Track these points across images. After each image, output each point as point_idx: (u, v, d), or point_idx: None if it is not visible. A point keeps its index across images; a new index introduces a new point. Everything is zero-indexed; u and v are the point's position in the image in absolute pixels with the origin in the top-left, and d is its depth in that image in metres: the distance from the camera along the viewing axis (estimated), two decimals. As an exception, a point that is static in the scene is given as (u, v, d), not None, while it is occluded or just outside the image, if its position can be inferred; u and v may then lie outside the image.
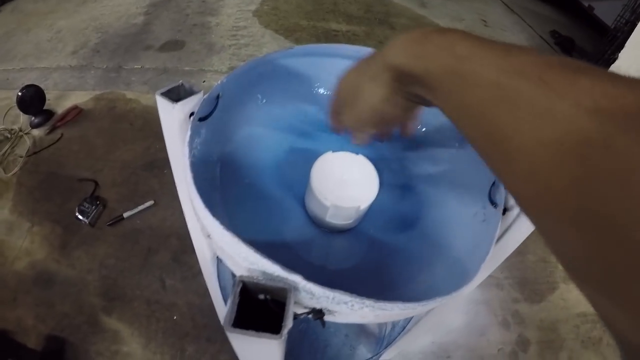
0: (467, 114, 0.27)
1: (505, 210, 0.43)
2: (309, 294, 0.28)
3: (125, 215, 1.40)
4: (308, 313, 0.30)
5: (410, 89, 0.34)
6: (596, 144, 0.18)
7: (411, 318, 0.77)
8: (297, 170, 0.51)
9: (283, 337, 0.25)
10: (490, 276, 1.41)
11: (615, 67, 2.15)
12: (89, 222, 1.35)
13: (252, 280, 0.27)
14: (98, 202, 1.41)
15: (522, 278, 1.45)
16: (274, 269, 0.28)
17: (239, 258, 0.30)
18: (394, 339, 0.84)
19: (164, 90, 0.44)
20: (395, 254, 0.49)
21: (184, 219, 0.68)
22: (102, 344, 1.15)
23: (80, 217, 1.36)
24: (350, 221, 0.48)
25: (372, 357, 0.80)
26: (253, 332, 0.25)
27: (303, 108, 0.57)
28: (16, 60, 2.25)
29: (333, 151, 0.49)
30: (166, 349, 1.14)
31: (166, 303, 1.23)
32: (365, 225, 0.51)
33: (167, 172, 1.56)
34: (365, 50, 0.55)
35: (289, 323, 0.26)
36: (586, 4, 4.03)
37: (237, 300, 0.26)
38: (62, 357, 1.12)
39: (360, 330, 1.09)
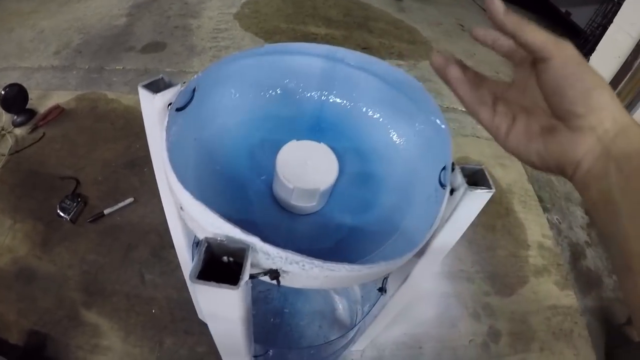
0: None
1: (452, 191, 0.48)
2: (265, 255, 0.33)
3: (106, 212, 1.43)
4: (265, 273, 0.34)
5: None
6: None
7: (376, 303, 0.82)
8: (266, 159, 0.55)
9: (240, 289, 0.29)
10: (461, 270, 1.47)
11: None
12: (70, 219, 1.38)
13: (215, 241, 0.32)
14: (79, 200, 1.43)
15: (493, 272, 1.50)
16: (235, 232, 0.32)
17: (207, 224, 0.34)
18: (362, 324, 0.88)
19: (145, 82, 0.48)
20: (355, 234, 0.54)
21: (164, 216, 0.71)
22: (82, 337, 1.17)
23: (61, 214, 1.38)
24: (314, 203, 0.52)
25: (340, 337, 0.84)
26: (214, 283, 0.29)
27: (272, 102, 0.61)
28: (-1, 59, 2.25)
29: (297, 140, 0.53)
30: (145, 341, 1.17)
31: (145, 297, 1.25)
32: (329, 209, 0.56)
33: (147, 170, 1.58)
34: (330, 48, 0.60)
35: (245, 276, 0.30)
36: (563, 10, 4.14)
37: (202, 257, 0.31)
38: (43, 351, 1.14)
39: (333, 321, 1.13)
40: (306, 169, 0.50)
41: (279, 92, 0.62)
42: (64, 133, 1.74)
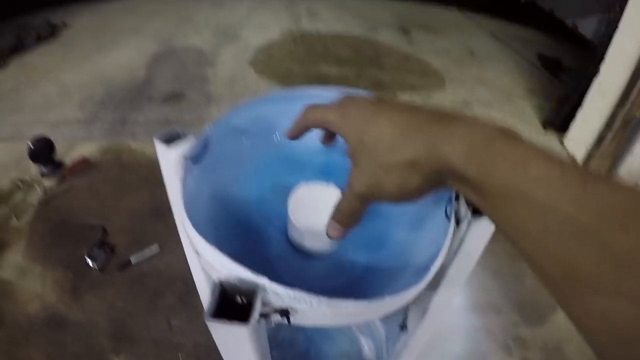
0: (532, 240, 0.25)
1: (458, 221, 0.49)
2: (275, 294, 0.35)
3: (133, 260, 1.47)
4: (276, 311, 0.36)
5: (456, 186, 0.31)
6: None
7: (399, 340, 0.81)
8: (279, 204, 0.58)
9: (251, 325, 0.32)
10: (488, 302, 1.44)
11: (598, 82, 2.22)
12: (98, 267, 1.43)
13: (228, 282, 0.34)
14: (107, 248, 1.48)
15: (522, 301, 1.47)
16: (245, 273, 0.34)
17: (220, 267, 0.36)
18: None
19: (160, 135, 0.51)
20: (370, 271, 0.55)
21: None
22: (111, 383, 1.19)
23: (89, 262, 1.43)
24: (326, 244, 0.54)
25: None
26: (226, 320, 0.32)
27: (282, 147, 0.64)
28: (26, 113, 2.37)
29: (307, 182, 0.56)
30: (172, 386, 1.18)
31: (173, 343, 1.27)
32: (343, 247, 0.57)
33: (172, 218, 1.62)
34: (336, 91, 0.63)
35: (255, 313, 0.32)
36: (569, 23, 4.18)
37: (216, 296, 0.33)
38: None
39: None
40: (317, 212, 0.52)
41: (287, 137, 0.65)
42: (91, 183, 1.81)
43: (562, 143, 2.50)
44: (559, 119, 2.58)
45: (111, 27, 3.72)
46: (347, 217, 0.41)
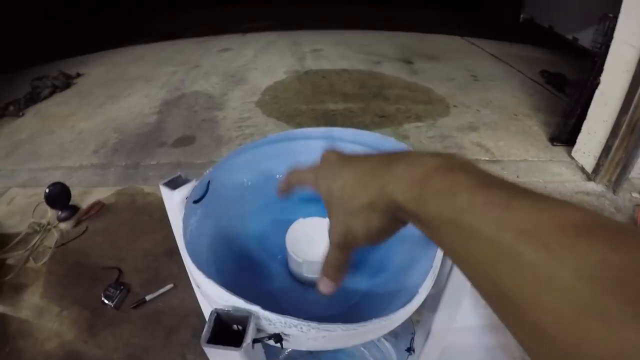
0: (467, 264, 0.27)
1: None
2: (267, 321, 0.38)
3: (148, 298, 1.51)
4: (269, 337, 0.39)
5: (408, 220, 0.34)
6: (593, 314, 0.18)
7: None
8: (279, 238, 0.61)
9: (244, 350, 0.35)
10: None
11: (600, 92, 2.23)
12: (114, 306, 1.47)
13: (223, 311, 0.38)
14: (122, 287, 1.53)
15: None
16: (240, 303, 0.38)
17: (217, 298, 0.40)
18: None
19: (165, 180, 0.56)
20: (367, 298, 0.57)
21: (202, 298, 0.77)
22: (128, 418, 1.21)
23: (105, 301, 1.47)
24: (325, 274, 0.57)
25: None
26: (220, 346, 0.35)
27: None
28: (42, 160, 2.47)
29: (304, 217, 0.59)
30: (188, 421, 1.20)
31: (188, 377, 1.29)
32: (342, 277, 0.60)
33: (183, 256, 1.67)
34: (328, 129, 0.67)
35: (248, 339, 0.36)
36: (570, 37, 4.22)
37: (211, 324, 0.37)
38: None
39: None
40: (313, 244, 0.55)
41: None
42: (106, 226, 1.86)
43: (570, 156, 2.50)
44: (566, 133, 2.59)
45: (123, 75, 3.87)
46: (333, 269, 0.44)
